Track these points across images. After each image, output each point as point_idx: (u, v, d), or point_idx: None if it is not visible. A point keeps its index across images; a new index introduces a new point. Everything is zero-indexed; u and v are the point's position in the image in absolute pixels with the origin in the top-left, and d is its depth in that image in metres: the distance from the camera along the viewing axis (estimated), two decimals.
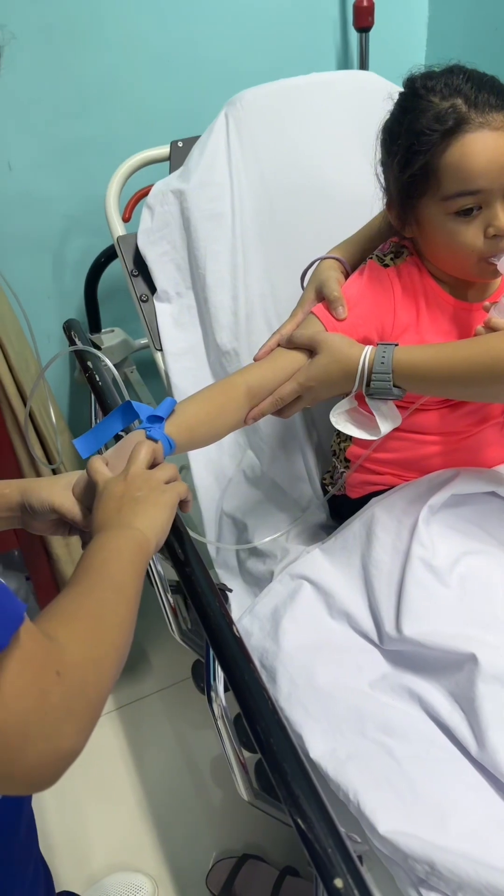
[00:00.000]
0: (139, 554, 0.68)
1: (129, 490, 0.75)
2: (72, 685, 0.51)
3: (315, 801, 0.55)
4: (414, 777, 0.81)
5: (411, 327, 0.99)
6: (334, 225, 1.12)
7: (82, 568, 0.64)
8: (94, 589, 0.61)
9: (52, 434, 1.41)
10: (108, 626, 0.58)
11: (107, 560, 0.65)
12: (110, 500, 0.74)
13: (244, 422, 0.97)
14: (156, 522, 0.73)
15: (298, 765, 0.58)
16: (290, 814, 0.54)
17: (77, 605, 0.59)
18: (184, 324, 1.29)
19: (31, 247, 1.61)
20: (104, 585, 0.62)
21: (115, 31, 1.47)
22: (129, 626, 0.62)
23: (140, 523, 0.71)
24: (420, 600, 0.91)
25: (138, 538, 0.69)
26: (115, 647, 0.58)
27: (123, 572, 0.64)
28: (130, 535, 0.69)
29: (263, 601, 1.03)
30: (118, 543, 0.68)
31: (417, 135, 0.88)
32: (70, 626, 0.55)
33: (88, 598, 0.60)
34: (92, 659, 0.54)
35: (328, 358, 0.94)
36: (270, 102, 1.26)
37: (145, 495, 0.74)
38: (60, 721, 0.49)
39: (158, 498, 0.75)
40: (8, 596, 0.49)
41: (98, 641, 0.56)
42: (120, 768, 1.55)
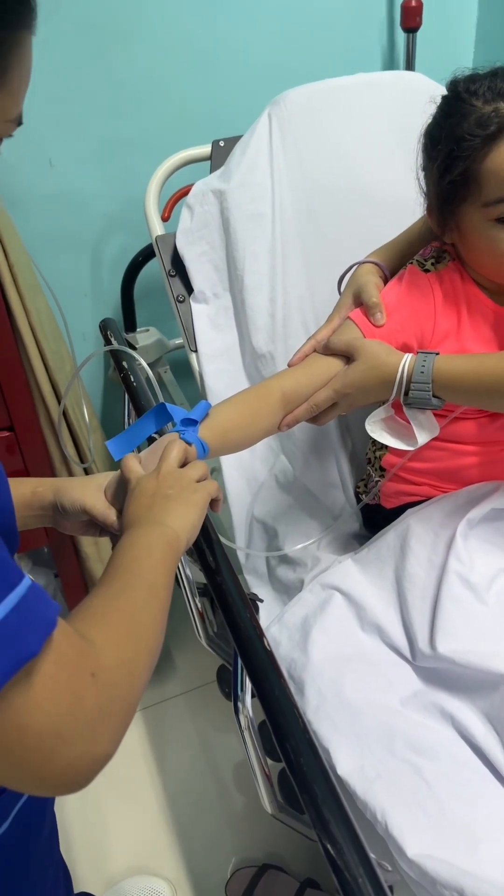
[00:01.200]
0: (170, 552, 0.67)
1: (160, 488, 0.74)
2: (106, 688, 0.50)
3: (345, 826, 0.53)
4: (444, 799, 0.78)
5: (452, 334, 0.96)
6: (376, 228, 1.10)
7: (114, 566, 0.64)
8: (127, 588, 0.60)
9: (84, 433, 1.40)
10: (140, 627, 0.58)
11: (138, 558, 0.64)
12: (142, 497, 0.74)
13: (278, 428, 0.95)
14: (186, 520, 0.72)
15: (329, 787, 0.56)
16: (320, 838, 0.53)
17: (110, 606, 0.58)
18: (220, 325, 1.27)
19: (70, 244, 1.62)
20: (136, 584, 0.61)
21: (159, 29, 1.46)
22: (161, 625, 0.61)
23: (171, 521, 0.70)
24: (456, 617, 0.89)
25: (169, 535, 0.68)
26: (148, 648, 0.58)
27: (155, 571, 0.64)
28: (161, 532, 0.68)
29: (293, 610, 1.02)
30: (149, 541, 0.67)
31: (459, 140, 0.85)
32: (103, 628, 0.55)
33: (121, 597, 0.59)
34: (126, 661, 0.53)
35: (365, 365, 0.92)
36: (315, 103, 1.24)
37: (176, 493, 0.74)
38: (94, 724, 0.48)
39: (189, 496, 0.74)
40: (43, 598, 0.48)
41: (131, 643, 0.55)
42: (142, 770, 1.54)
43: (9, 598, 0.45)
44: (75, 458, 1.40)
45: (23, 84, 0.57)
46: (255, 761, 0.84)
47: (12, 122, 0.58)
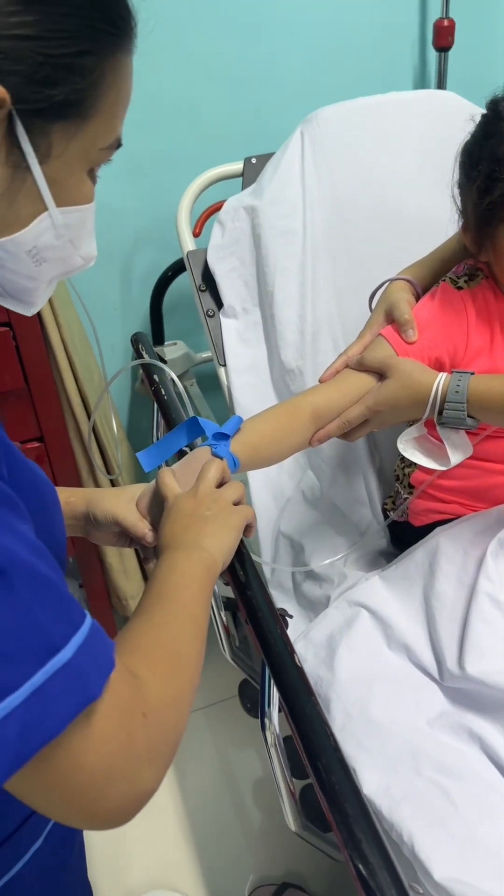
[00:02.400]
0: (208, 578, 0.67)
1: (198, 508, 0.74)
2: (156, 727, 0.50)
3: (377, 847, 0.53)
4: (472, 822, 0.77)
5: (485, 352, 0.96)
6: (407, 246, 1.10)
7: (155, 592, 0.63)
8: (170, 620, 0.60)
9: (112, 445, 1.41)
10: (185, 662, 0.57)
11: (179, 586, 0.64)
12: (179, 517, 0.73)
13: (309, 443, 0.95)
14: (223, 544, 0.72)
15: (360, 805, 0.55)
16: (351, 857, 0.52)
17: (155, 640, 0.58)
18: (249, 340, 1.28)
19: (101, 258, 1.60)
20: (179, 616, 0.61)
21: (193, 46, 1.48)
22: (201, 657, 0.61)
23: (209, 544, 0.70)
24: (485, 637, 0.88)
25: (207, 560, 0.68)
26: (192, 684, 0.57)
27: (196, 601, 0.63)
28: (199, 557, 0.68)
29: (319, 627, 1.01)
30: (189, 566, 0.67)
31: (500, 161, 0.85)
32: (151, 664, 0.54)
33: (165, 630, 0.59)
34: (173, 699, 0.53)
35: (399, 383, 0.91)
36: (347, 121, 1.25)
37: (214, 515, 0.73)
38: (143, 763, 0.48)
39: (227, 519, 0.74)
40: (102, 637, 0.48)
41: (178, 679, 0.55)
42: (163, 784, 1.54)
43: (75, 639, 0.45)
44: (103, 470, 1.41)
45: (121, 109, 0.55)
46: (281, 778, 0.83)
47: (109, 149, 0.56)
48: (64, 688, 0.43)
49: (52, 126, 0.50)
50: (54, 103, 0.49)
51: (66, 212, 0.54)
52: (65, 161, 0.52)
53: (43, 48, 0.47)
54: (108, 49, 0.51)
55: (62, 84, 0.48)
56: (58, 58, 0.48)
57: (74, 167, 0.53)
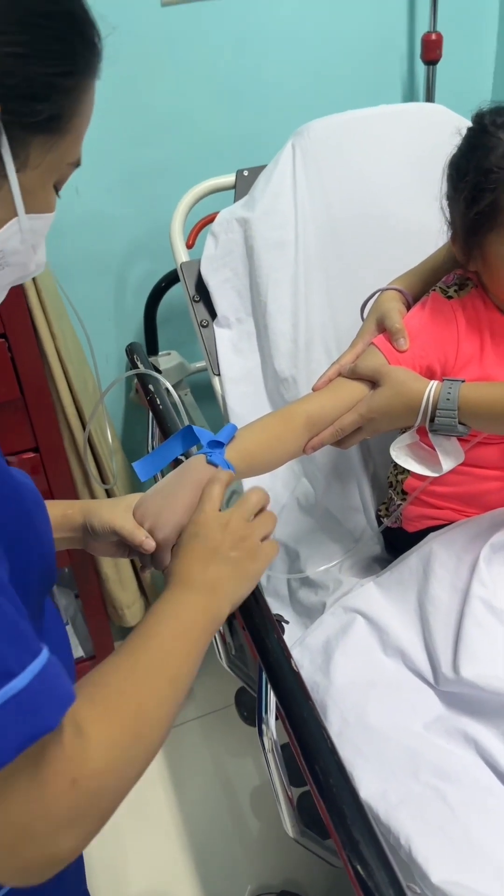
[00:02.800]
0: (211, 631, 0.65)
1: (224, 544, 0.71)
2: (85, 795, 0.47)
3: (375, 848, 0.53)
4: (469, 825, 0.78)
5: (475, 360, 0.98)
6: (397, 256, 1.12)
7: (146, 634, 0.60)
8: (150, 675, 0.57)
9: (107, 455, 1.42)
10: (149, 730, 0.54)
11: (177, 636, 0.61)
12: (202, 549, 0.71)
13: (303, 451, 0.96)
14: (238, 594, 0.70)
15: (358, 808, 0.56)
16: (349, 859, 0.53)
17: (123, 696, 0.54)
18: (242, 350, 1.29)
19: (95, 270, 1.64)
20: (161, 672, 0.58)
21: (186, 60, 1.50)
22: (171, 721, 0.57)
23: (224, 593, 0.68)
24: (479, 641, 0.89)
25: (214, 612, 0.66)
26: (149, 752, 0.54)
27: (186, 658, 0.61)
28: (207, 607, 0.66)
29: (315, 633, 1.02)
30: (193, 615, 0.64)
31: (486, 172, 0.87)
32: (108, 725, 0.51)
33: (139, 687, 0.55)
34: (118, 768, 0.50)
35: (391, 391, 0.93)
36: (337, 133, 1.27)
37: (239, 558, 0.71)
38: (62, 829, 0.46)
39: (249, 566, 0.71)
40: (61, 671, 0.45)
41: (132, 748, 0.52)
42: (159, 794, 1.54)
43: (31, 667, 0.43)
44: (98, 480, 1.41)
45: (85, 128, 0.59)
46: (279, 784, 0.84)
47: (73, 165, 0.59)
48: (16, 716, 0.41)
49: (33, 138, 0.53)
50: (39, 118, 0.52)
51: (33, 218, 0.57)
52: (39, 172, 0.55)
53: (33, 66, 0.50)
54: (86, 71, 0.56)
55: (47, 100, 0.52)
56: (45, 76, 0.51)
57: (46, 178, 0.57)
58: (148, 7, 1.43)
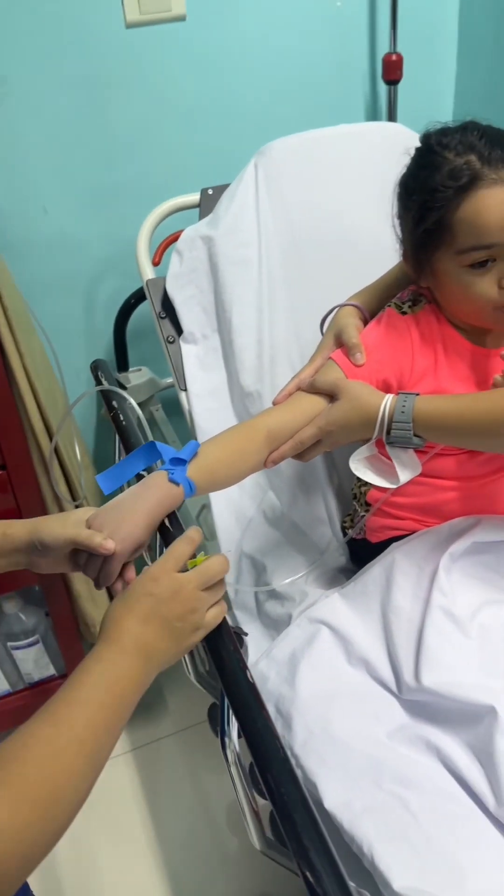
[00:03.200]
0: (137, 699, 0.64)
1: (173, 611, 0.70)
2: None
3: (325, 854, 0.54)
4: (431, 832, 0.79)
5: (430, 373, 1.00)
6: (358, 271, 1.14)
7: (75, 701, 0.58)
8: (71, 754, 0.55)
9: (76, 470, 1.42)
10: (61, 812, 0.52)
11: (105, 708, 0.59)
12: (149, 609, 0.69)
13: (264, 465, 0.97)
14: (171, 660, 0.69)
15: (309, 816, 0.57)
16: (300, 866, 0.53)
17: (40, 779, 0.52)
18: (209, 365, 1.31)
19: (64, 287, 1.66)
20: (83, 750, 0.56)
21: (151, 81, 1.52)
22: (85, 797, 0.55)
23: (158, 661, 0.67)
24: (440, 649, 0.90)
25: (145, 682, 0.65)
26: (57, 834, 0.52)
27: (109, 733, 0.59)
28: (140, 678, 0.65)
29: (281, 645, 1.03)
30: (125, 686, 0.63)
31: (432, 191, 0.90)
32: (18, 809, 0.49)
33: (59, 767, 0.53)
34: (22, 854, 0.48)
35: (349, 404, 0.95)
36: (299, 152, 1.29)
37: (183, 629, 0.70)
38: None
39: (189, 639, 0.71)
40: None
41: (40, 833, 0.50)
42: (133, 812, 1.53)
43: None
44: (67, 496, 1.41)
45: None
46: (244, 797, 0.84)
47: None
48: None
49: None
50: None
51: None
52: None
53: None
54: None
55: None
56: None
57: None
58: (112, 29, 1.46)
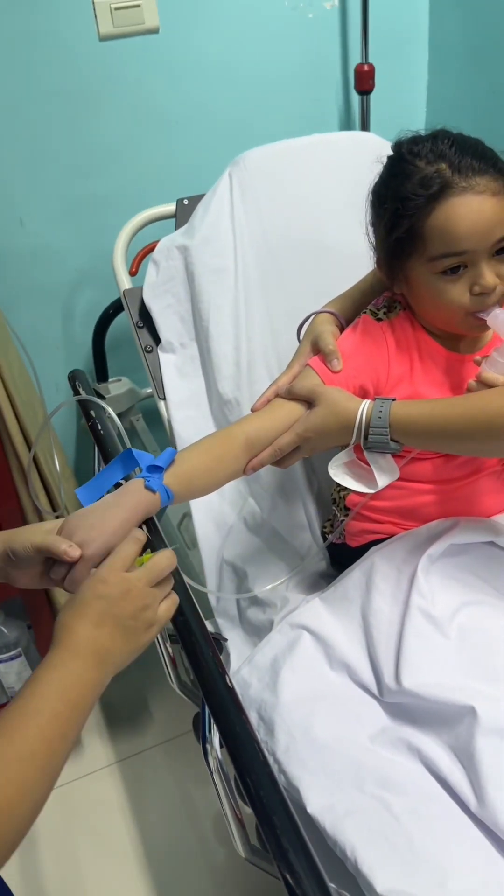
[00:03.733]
0: (93, 703, 0.64)
1: (123, 612, 0.69)
2: None
3: (305, 856, 0.54)
4: (413, 834, 0.79)
5: (405, 379, 1.01)
6: (334, 278, 1.15)
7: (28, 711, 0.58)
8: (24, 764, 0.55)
9: (56, 482, 1.42)
10: (13, 824, 0.53)
11: (59, 717, 0.59)
12: (100, 611, 0.69)
13: (243, 472, 0.98)
14: (126, 660, 0.69)
15: (289, 818, 0.57)
16: (280, 868, 0.54)
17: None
18: (187, 373, 1.31)
19: (42, 299, 1.66)
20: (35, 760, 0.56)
21: (125, 93, 1.53)
22: (41, 807, 0.56)
23: (112, 663, 0.67)
24: (419, 651, 0.91)
25: (100, 686, 0.65)
26: (12, 845, 0.53)
27: (64, 741, 0.59)
28: (95, 683, 0.64)
29: (263, 651, 1.03)
30: (80, 692, 0.62)
31: (404, 199, 0.91)
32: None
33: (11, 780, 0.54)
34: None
35: (326, 410, 0.95)
36: (272, 162, 1.31)
37: (135, 628, 0.70)
38: None
39: (142, 638, 0.71)
40: None
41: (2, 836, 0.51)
42: (119, 824, 1.52)
43: None
44: (47, 508, 1.41)
45: None
46: (227, 804, 0.84)
47: None
48: None
49: None
50: None
51: None
52: None
53: None
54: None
55: None
56: None
57: None
58: (86, 42, 1.47)
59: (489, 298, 0.92)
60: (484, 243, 0.89)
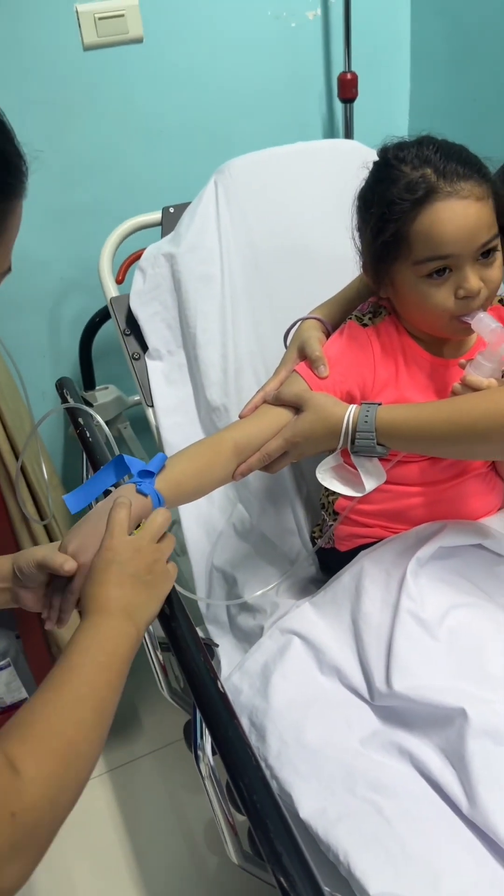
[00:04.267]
0: (129, 656, 0.67)
1: (140, 568, 0.74)
2: (24, 827, 0.49)
3: (298, 860, 0.54)
4: (405, 837, 0.79)
5: (391, 383, 1.02)
6: (320, 284, 1.16)
7: (69, 666, 0.62)
8: (76, 705, 0.59)
9: (43, 490, 1.42)
10: (78, 757, 0.56)
11: (101, 667, 0.63)
12: (119, 573, 0.73)
13: (232, 477, 0.98)
14: (151, 615, 0.73)
15: (282, 822, 0.57)
16: (273, 872, 0.54)
17: (51, 729, 0.56)
18: (174, 380, 1.31)
19: (29, 307, 1.66)
20: (85, 701, 0.60)
21: (110, 102, 1.54)
22: (101, 748, 0.60)
23: (140, 616, 0.71)
24: (410, 654, 0.91)
25: (133, 638, 0.68)
26: (80, 781, 0.56)
27: (111, 686, 0.63)
28: (127, 633, 0.68)
29: (254, 657, 1.03)
30: (115, 644, 0.66)
31: (389, 204, 0.92)
32: (40, 760, 0.53)
33: (65, 718, 0.58)
34: (52, 799, 0.52)
35: (314, 415, 0.96)
36: (257, 170, 1.31)
37: (153, 580, 0.74)
38: (4, 862, 0.48)
39: (161, 588, 0.75)
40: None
41: (64, 779, 0.54)
42: (111, 834, 1.51)
43: None
44: (35, 517, 1.40)
45: (12, 242, 0.63)
46: (219, 811, 0.84)
47: (3, 273, 0.65)
48: None
49: None
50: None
51: None
52: None
53: None
54: (11, 195, 0.61)
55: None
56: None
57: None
58: (70, 51, 1.47)
59: (473, 302, 0.93)
60: (468, 247, 0.90)
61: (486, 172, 0.92)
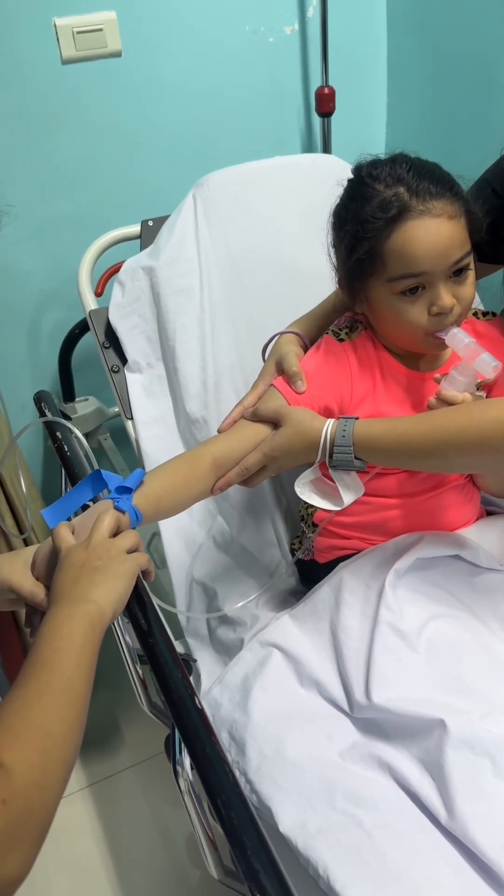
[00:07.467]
0: (92, 634, 0.67)
1: (89, 559, 0.75)
2: (16, 813, 0.50)
3: (276, 877, 0.54)
4: (385, 849, 0.79)
5: (368, 397, 1.03)
6: (298, 298, 1.17)
7: (34, 661, 0.63)
8: (45, 693, 0.60)
9: (22, 503, 1.41)
10: (56, 741, 0.57)
11: (59, 650, 0.64)
12: (70, 569, 0.74)
13: (211, 492, 0.99)
14: (113, 594, 0.72)
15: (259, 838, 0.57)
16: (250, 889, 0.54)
17: (25, 719, 0.58)
18: (154, 393, 1.31)
19: (7, 319, 1.65)
20: (53, 686, 0.61)
21: (89, 116, 1.54)
22: (78, 728, 0.61)
23: (97, 595, 0.71)
24: (389, 666, 0.92)
25: (92, 614, 0.69)
26: (63, 761, 0.58)
27: (76, 666, 0.64)
28: (85, 612, 0.69)
29: (233, 670, 1.03)
30: (71, 627, 0.67)
31: (363, 222, 0.93)
32: (18, 747, 0.55)
33: (37, 707, 0.59)
34: (38, 782, 0.53)
35: (292, 430, 0.97)
36: (235, 184, 1.32)
37: (105, 564, 0.74)
38: (3, 851, 0.49)
39: (118, 567, 0.75)
40: None
41: (46, 761, 0.55)
42: (92, 850, 1.49)
43: None
44: (14, 531, 1.40)
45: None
46: (199, 825, 0.83)
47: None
48: None
49: None
50: None
51: None
52: None
53: None
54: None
55: None
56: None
57: None
58: (49, 65, 1.47)
59: (447, 318, 0.94)
60: (441, 265, 0.91)
61: (459, 190, 0.93)
